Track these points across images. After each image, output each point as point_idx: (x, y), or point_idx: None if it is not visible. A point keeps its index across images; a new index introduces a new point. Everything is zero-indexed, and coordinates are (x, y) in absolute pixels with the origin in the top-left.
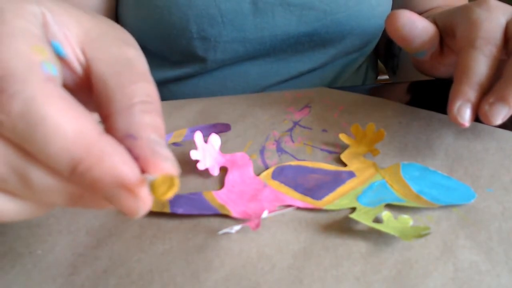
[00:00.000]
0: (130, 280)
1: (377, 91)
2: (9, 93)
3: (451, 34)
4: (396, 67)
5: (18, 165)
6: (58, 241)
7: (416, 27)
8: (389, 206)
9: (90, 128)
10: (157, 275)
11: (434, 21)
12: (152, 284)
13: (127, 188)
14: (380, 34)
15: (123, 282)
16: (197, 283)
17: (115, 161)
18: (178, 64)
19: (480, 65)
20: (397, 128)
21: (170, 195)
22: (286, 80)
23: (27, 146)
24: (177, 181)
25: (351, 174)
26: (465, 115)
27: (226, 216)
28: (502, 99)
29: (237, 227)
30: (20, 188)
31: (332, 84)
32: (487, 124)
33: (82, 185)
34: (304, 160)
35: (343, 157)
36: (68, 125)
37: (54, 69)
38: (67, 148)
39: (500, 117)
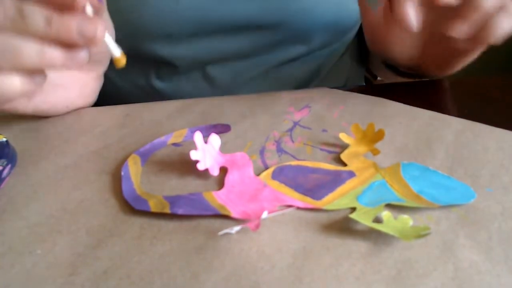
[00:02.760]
0: (130, 281)
1: (377, 91)
2: None
3: None
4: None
5: (17, 3)
6: (58, 241)
7: None
8: (389, 206)
9: None
10: (157, 276)
11: None
12: (152, 285)
13: None
14: (357, 21)
15: (123, 282)
16: (197, 284)
17: None
18: (150, 68)
19: None
20: (397, 128)
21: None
22: (263, 72)
23: None
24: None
25: (351, 174)
26: (409, 11)
27: (226, 217)
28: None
29: (237, 228)
30: (19, 21)
31: (312, 77)
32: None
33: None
34: (304, 160)
35: (343, 156)
36: None
37: None
38: None
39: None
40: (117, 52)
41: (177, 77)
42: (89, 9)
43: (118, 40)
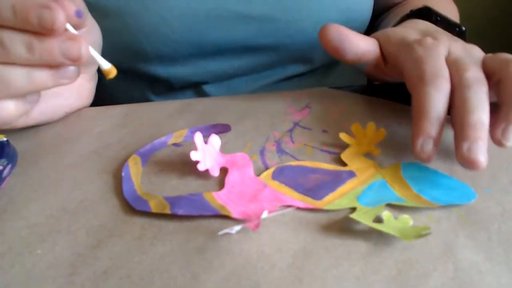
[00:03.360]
0: (131, 281)
1: (377, 91)
2: None
3: (395, 65)
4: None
5: None
6: (58, 241)
7: (348, 40)
8: (389, 206)
9: None
10: (158, 276)
11: (378, 41)
12: (152, 285)
13: (45, 6)
14: None
15: (123, 283)
16: (197, 284)
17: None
18: (145, 84)
19: (434, 99)
20: (397, 128)
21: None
22: (260, 88)
23: None
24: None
25: (351, 174)
26: (428, 151)
27: (226, 217)
28: (510, 121)
29: (237, 228)
30: (1, 51)
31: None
32: (500, 147)
33: (23, 20)
34: (304, 160)
35: (344, 156)
36: None
37: None
38: (8, 1)
39: None
40: (105, 64)
41: (172, 93)
42: (69, 26)
43: (112, 58)
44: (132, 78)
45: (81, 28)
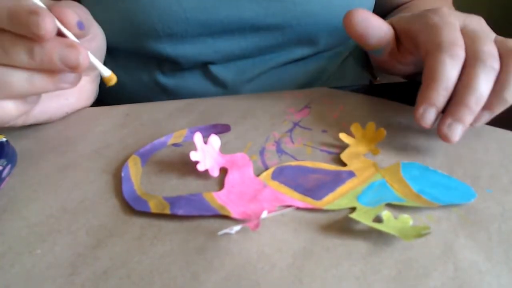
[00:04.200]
0: (131, 281)
1: (377, 91)
2: None
3: (409, 38)
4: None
5: None
6: (58, 241)
7: (372, 25)
8: (389, 206)
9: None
10: (158, 276)
11: (392, 24)
12: (152, 285)
13: (33, 12)
14: None
15: (123, 283)
16: (197, 284)
17: (26, 3)
18: (154, 64)
19: (447, 68)
20: (397, 128)
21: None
22: (267, 71)
23: None
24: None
25: (351, 174)
26: (428, 119)
27: (226, 217)
28: (459, 120)
29: (236, 228)
30: (2, 56)
31: (316, 78)
32: (446, 142)
33: (17, 25)
34: (304, 160)
35: (343, 156)
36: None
37: None
38: (4, 6)
39: (458, 136)
40: (106, 72)
41: (180, 73)
42: (70, 34)
43: (122, 38)
44: (140, 58)
45: (83, 37)
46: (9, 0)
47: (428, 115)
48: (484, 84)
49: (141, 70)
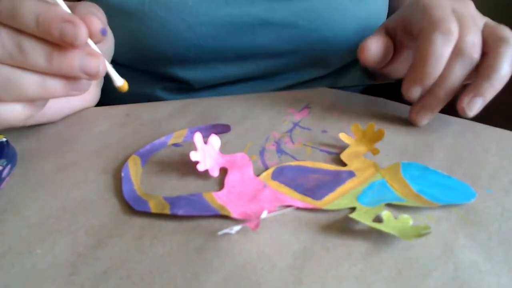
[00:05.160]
0: (131, 281)
1: (377, 91)
2: None
3: (404, 27)
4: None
5: (15, 39)
6: (58, 241)
7: (384, 49)
8: (389, 206)
9: (43, 2)
10: (158, 277)
11: (385, 28)
12: (152, 285)
13: (68, 20)
14: None
15: (123, 283)
16: (197, 284)
17: (59, 11)
18: (164, 82)
19: (438, 46)
20: (397, 128)
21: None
22: (276, 91)
23: (16, 23)
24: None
25: (351, 174)
26: (413, 96)
27: (226, 217)
28: (480, 94)
29: (236, 228)
30: (19, 57)
31: None
32: (463, 116)
33: (45, 31)
34: (304, 160)
35: (343, 156)
36: (32, 3)
37: None
38: (33, 11)
39: (476, 110)
40: (119, 81)
41: (186, 93)
42: (91, 42)
43: (129, 57)
44: (148, 76)
45: (100, 42)
46: (35, 3)
47: (415, 94)
48: (457, 74)
49: (144, 85)
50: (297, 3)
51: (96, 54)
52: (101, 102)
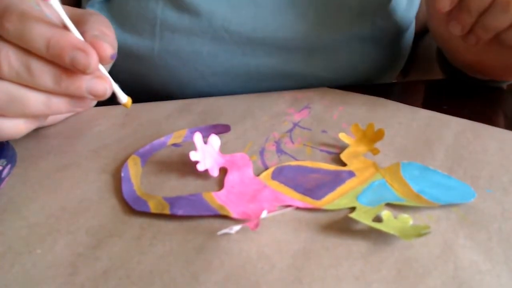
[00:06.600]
0: (130, 281)
1: (377, 91)
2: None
3: None
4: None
5: (23, 59)
6: (58, 241)
7: None
8: (389, 206)
9: (54, 27)
10: (157, 277)
11: None
12: (152, 285)
13: (80, 49)
14: (380, 70)
15: (123, 283)
16: (197, 284)
17: (70, 37)
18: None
19: None
20: (397, 128)
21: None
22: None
23: (25, 45)
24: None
25: (351, 174)
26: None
27: (226, 218)
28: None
29: (236, 228)
30: (26, 77)
31: None
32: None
33: (55, 56)
34: (303, 160)
35: (343, 156)
36: (43, 26)
37: (36, 6)
38: (43, 34)
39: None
40: (124, 98)
41: None
42: (100, 66)
43: (130, 88)
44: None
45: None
46: (46, 27)
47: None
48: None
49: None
50: (317, 55)
51: (104, 77)
52: (101, 102)
